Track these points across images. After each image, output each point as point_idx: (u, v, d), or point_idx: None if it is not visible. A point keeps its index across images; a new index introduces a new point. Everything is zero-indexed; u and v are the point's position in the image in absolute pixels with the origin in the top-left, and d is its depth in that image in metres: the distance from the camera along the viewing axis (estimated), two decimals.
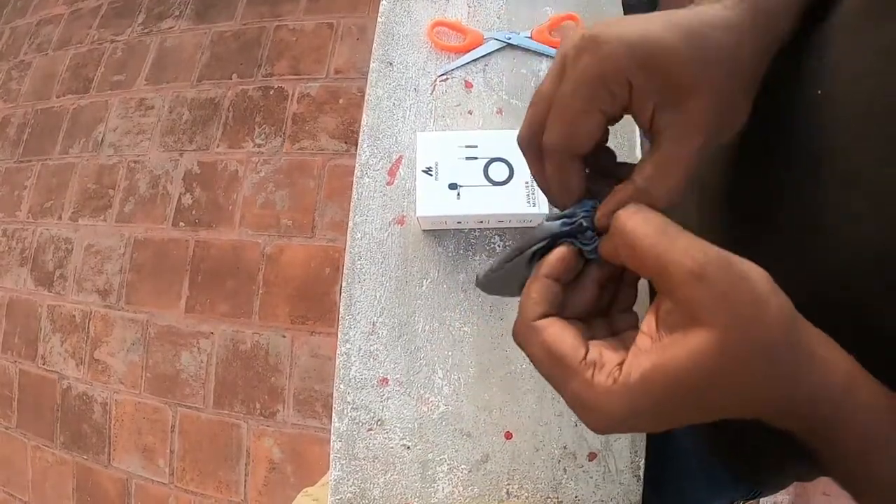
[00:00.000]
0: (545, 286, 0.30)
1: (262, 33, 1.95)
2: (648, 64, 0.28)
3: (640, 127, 0.31)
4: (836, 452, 0.28)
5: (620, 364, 0.27)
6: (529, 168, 0.33)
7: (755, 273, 0.25)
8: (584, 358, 0.27)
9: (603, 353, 0.27)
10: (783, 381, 0.25)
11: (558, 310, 0.30)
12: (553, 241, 0.31)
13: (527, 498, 0.53)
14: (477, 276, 0.36)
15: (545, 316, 0.30)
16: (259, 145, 1.79)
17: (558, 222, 0.31)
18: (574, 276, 0.31)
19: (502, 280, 0.35)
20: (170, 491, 1.52)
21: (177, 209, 1.78)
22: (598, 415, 0.27)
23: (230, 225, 1.72)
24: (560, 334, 0.28)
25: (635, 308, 0.33)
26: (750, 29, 0.30)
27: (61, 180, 1.93)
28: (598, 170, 0.33)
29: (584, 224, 0.31)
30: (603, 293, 0.32)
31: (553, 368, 0.28)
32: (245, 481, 1.48)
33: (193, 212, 1.76)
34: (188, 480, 1.51)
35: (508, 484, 0.54)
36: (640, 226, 0.27)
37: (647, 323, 0.28)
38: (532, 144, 0.32)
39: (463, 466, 0.54)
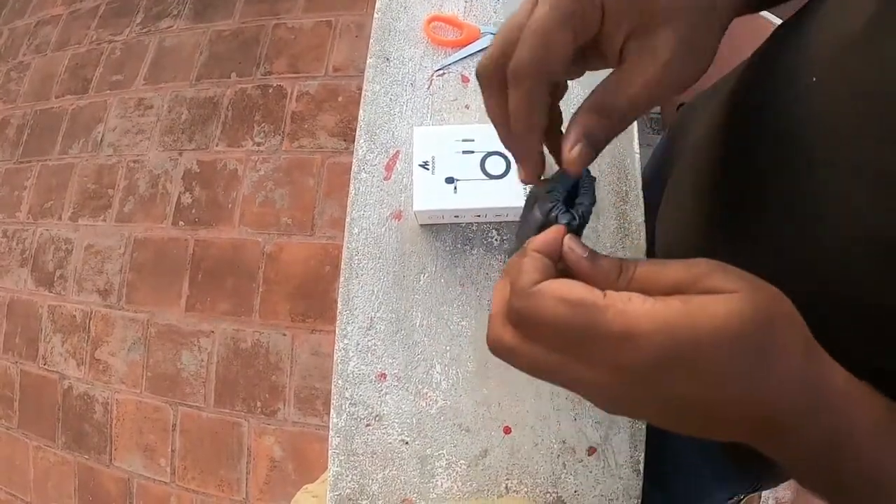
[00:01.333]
0: (537, 259, 0.28)
1: (261, 32, 1.95)
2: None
3: (609, 60, 0.30)
4: (817, 458, 0.27)
5: (648, 298, 0.25)
6: (486, 103, 0.32)
7: (752, 275, 0.26)
8: (605, 296, 0.25)
9: (622, 292, 0.25)
10: (799, 353, 0.25)
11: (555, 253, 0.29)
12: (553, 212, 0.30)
13: (526, 493, 0.53)
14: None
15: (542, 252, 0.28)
16: (258, 144, 1.79)
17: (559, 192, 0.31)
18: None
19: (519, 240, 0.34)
20: (171, 490, 1.52)
21: (176, 208, 1.77)
22: (642, 341, 0.24)
23: (230, 223, 1.71)
24: (568, 284, 0.26)
25: None
26: None
27: (61, 180, 1.93)
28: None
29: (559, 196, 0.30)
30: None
31: (580, 316, 0.25)
32: (246, 479, 1.48)
33: (193, 211, 1.76)
34: (189, 479, 1.51)
35: (507, 479, 0.54)
36: (646, 268, 0.27)
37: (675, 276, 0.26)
38: (497, 72, 0.30)
39: (462, 461, 0.54)
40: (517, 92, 0.29)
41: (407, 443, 0.55)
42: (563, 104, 0.34)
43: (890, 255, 0.28)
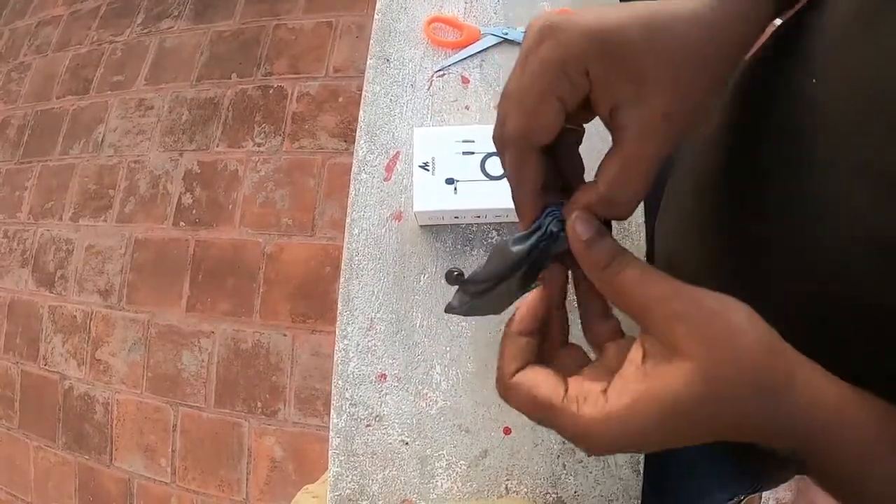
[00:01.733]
0: (516, 343, 0.31)
1: (261, 32, 1.95)
2: (605, 51, 0.27)
3: (602, 121, 0.30)
4: (830, 471, 0.28)
5: (604, 391, 0.28)
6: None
7: (730, 308, 0.26)
8: (565, 395, 0.29)
9: (583, 386, 0.29)
10: (768, 404, 0.26)
11: (534, 357, 0.31)
12: (532, 255, 0.31)
13: (526, 493, 0.53)
14: (450, 305, 0.35)
15: (520, 370, 0.31)
16: (259, 144, 1.79)
17: (528, 242, 0.31)
18: (543, 323, 0.32)
19: (483, 305, 0.35)
20: (172, 490, 1.52)
21: (177, 209, 1.78)
22: (591, 442, 0.28)
23: (230, 224, 1.72)
24: (536, 381, 0.30)
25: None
26: (722, 27, 0.29)
27: (62, 181, 1.93)
28: (566, 183, 0.33)
29: (554, 230, 0.31)
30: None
31: (540, 413, 0.30)
32: (247, 480, 1.48)
33: (194, 211, 1.76)
34: (190, 479, 1.52)
35: (507, 479, 0.54)
36: (622, 270, 0.28)
37: (635, 352, 0.28)
38: (498, 140, 0.32)
39: (462, 462, 0.54)
40: (509, 155, 0.31)
41: (407, 443, 0.55)
42: None
43: (890, 255, 0.28)
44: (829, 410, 0.26)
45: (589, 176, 0.32)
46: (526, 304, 0.32)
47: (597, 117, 0.31)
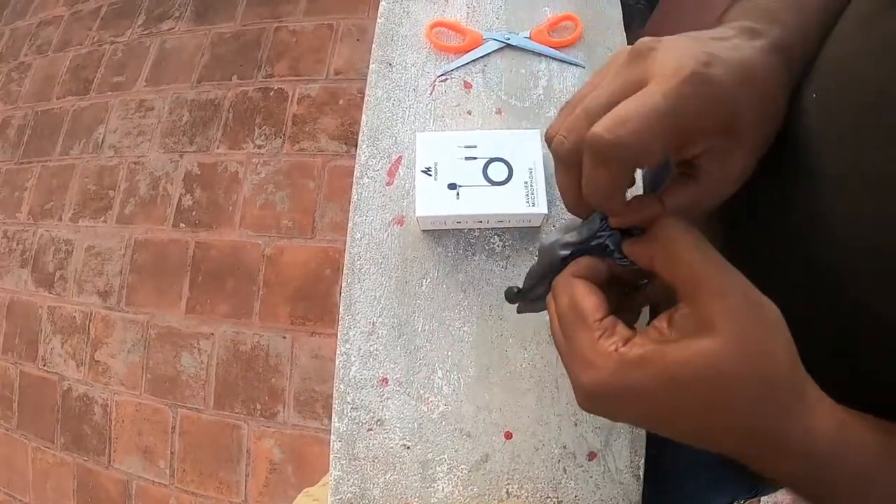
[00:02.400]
0: (594, 262, 0.33)
1: (262, 34, 1.95)
2: (730, 115, 0.28)
3: (675, 158, 0.31)
4: (828, 493, 0.28)
5: (627, 340, 0.28)
6: (560, 175, 0.32)
7: (771, 307, 0.27)
8: (600, 320, 0.29)
9: (617, 326, 0.29)
10: (778, 410, 0.26)
11: (596, 279, 0.32)
12: (575, 256, 0.34)
13: (526, 498, 0.53)
14: (516, 304, 0.39)
15: (582, 278, 0.32)
16: (259, 146, 1.79)
17: (572, 247, 0.34)
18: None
19: (536, 305, 0.38)
20: (170, 492, 1.52)
21: (177, 210, 1.78)
22: (588, 373, 0.29)
23: (230, 226, 1.72)
24: (587, 292, 0.31)
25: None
26: (782, 75, 0.31)
27: (61, 182, 1.93)
28: None
29: (611, 247, 0.33)
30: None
31: (571, 318, 0.30)
32: (246, 482, 1.48)
33: (194, 213, 1.76)
34: (189, 481, 1.51)
35: (508, 484, 0.54)
36: (681, 238, 0.29)
37: (660, 320, 0.29)
38: (578, 143, 0.29)
39: (463, 466, 0.54)
40: (604, 171, 0.28)
41: (408, 447, 0.55)
42: None
43: (892, 263, 0.28)
44: (830, 431, 0.27)
45: None
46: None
47: None
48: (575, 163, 0.29)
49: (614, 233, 0.32)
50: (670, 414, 0.27)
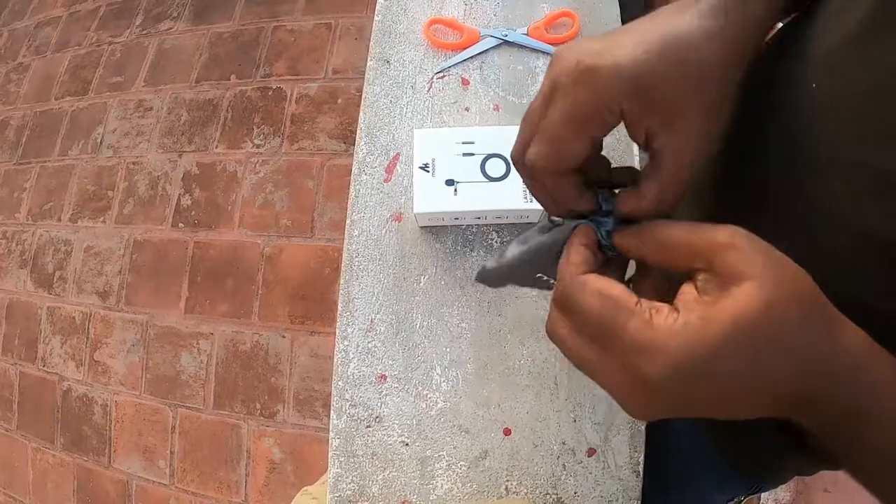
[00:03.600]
0: (583, 252, 0.31)
1: (261, 34, 1.95)
2: (636, 88, 0.28)
3: (636, 143, 0.32)
4: (873, 442, 0.27)
5: (674, 312, 0.26)
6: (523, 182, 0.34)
7: (773, 249, 0.26)
8: (638, 302, 0.27)
9: (654, 302, 0.27)
10: (820, 330, 0.26)
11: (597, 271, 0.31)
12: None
13: (526, 494, 0.53)
14: (484, 268, 0.37)
15: (586, 273, 0.30)
16: (258, 146, 1.79)
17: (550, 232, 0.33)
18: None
19: (512, 271, 0.36)
20: (170, 492, 1.52)
21: (176, 210, 1.77)
22: (660, 356, 0.25)
23: (229, 225, 1.71)
24: (609, 282, 0.28)
25: None
26: (734, 38, 0.30)
27: (60, 182, 1.93)
28: (594, 177, 0.34)
29: (602, 238, 0.32)
30: None
31: (609, 311, 0.27)
32: (245, 481, 1.48)
33: (192, 212, 1.76)
34: (189, 481, 1.51)
35: (507, 480, 0.54)
36: (665, 222, 0.29)
37: (686, 291, 0.27)
38: (520, 161, 0.32)
39: (461, 463, 0.54)
40: (534, 183, 0.32)
41: (407, 444, 0.55)
42: None
43: (892, 252, 0.28)
44: (866, 341, 0.26)
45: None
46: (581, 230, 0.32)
47: None
48: (524, 171, 0.33)
49: (606, 220, 0.32)
50: (739, 364, 0.25)
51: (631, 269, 0.33)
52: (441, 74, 0.68)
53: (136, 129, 1.92)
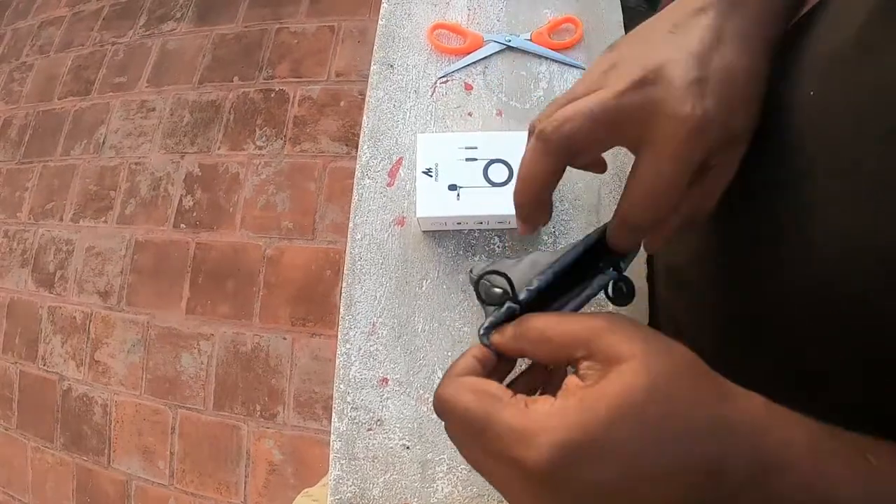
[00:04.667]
0: (471, 362, 0.31)
1: (264, 36, 1.96)
2: (611, 129, 0.32)
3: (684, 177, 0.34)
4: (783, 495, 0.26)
5: (552, 399, 0.26)
6: (537, 157, 0.36)
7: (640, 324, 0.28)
8: (514, 394, 0.27)
9: (530, 395, 0.27)
10: (711, 397, 0.25)
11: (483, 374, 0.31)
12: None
13: None
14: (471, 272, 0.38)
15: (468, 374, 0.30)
16: (260, 147, 1.79)
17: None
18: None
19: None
20: (170, 492, 1.52)
21: (178, 211, 1.78)
22: (536, 440, 0.24)
23: (231, 227, 1.72)
24: (485, 380, 0.28)
25: None
26: (750, 58, 0.33)
27: (62, 182, 1.94)
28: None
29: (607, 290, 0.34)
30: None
31: (484, 405, 0.26)
32: (245, 483, 1.48)
33: (194, 213, 1.76)
34: (188, 482, 1.51)
35: None
36: (544, 316, 0.30)
37: (568, 381, 0.27)
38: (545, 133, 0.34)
39: (462, 466, 0.54)
40: (544, 159, 0.34)
41: (408, 447, 0.55)
42: None
43: (891, 264, 0.28)
44: (762, 402, 0.26)
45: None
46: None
47: None
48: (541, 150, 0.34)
49: (608, 271, 0.34)
50: (647, 447, 0.24)
51: None
52: (444, 79, 0.68)
53: (138, 129, 1.93)
